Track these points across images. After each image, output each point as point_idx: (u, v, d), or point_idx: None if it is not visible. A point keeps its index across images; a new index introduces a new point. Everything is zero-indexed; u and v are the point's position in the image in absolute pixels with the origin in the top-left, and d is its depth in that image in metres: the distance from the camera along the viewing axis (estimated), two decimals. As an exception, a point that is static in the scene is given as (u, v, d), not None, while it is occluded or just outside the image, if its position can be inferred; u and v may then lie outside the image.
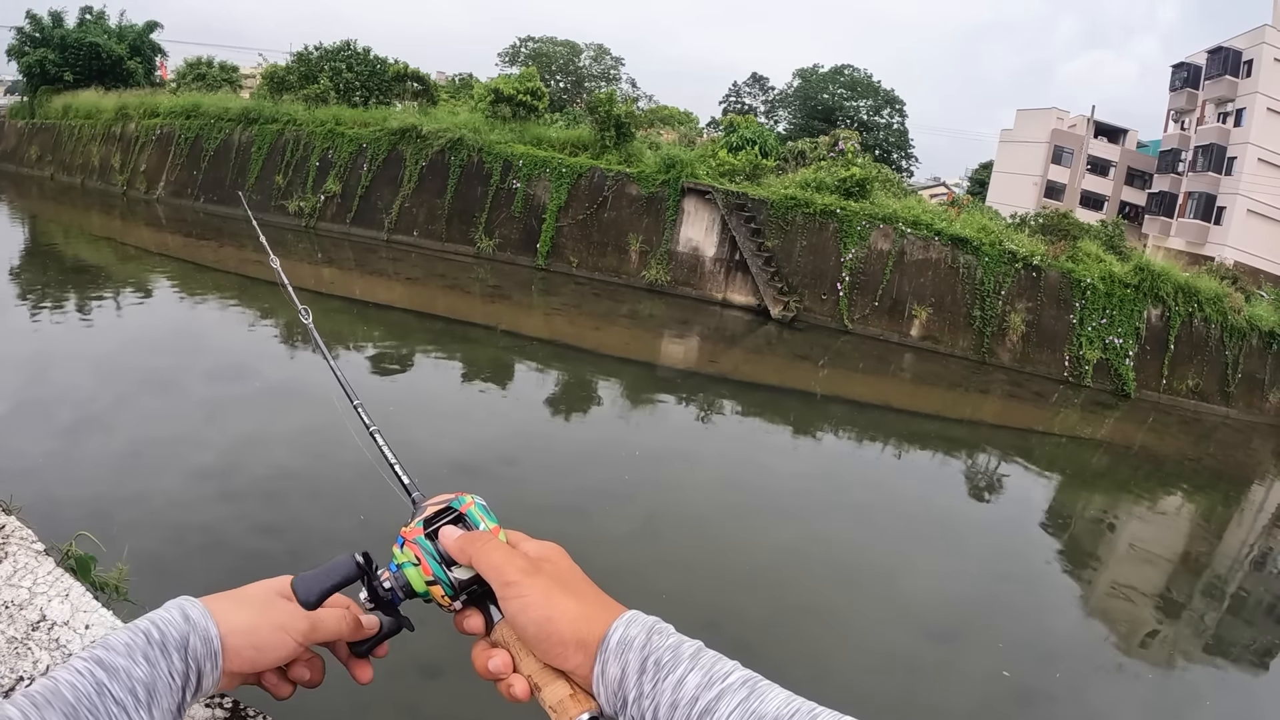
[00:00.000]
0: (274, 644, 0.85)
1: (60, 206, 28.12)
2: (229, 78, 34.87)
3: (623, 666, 0.74)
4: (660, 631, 0.76)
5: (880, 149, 53.87)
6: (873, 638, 7.16)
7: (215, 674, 0.81)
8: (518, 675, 0.81)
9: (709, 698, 0.69)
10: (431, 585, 0.86)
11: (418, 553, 0.87)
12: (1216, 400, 19.96)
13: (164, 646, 0.77)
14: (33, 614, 1.20)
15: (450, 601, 0.87)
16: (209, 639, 0.80)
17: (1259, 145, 38.54)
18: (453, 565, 0.86)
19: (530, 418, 11.54)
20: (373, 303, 17.44)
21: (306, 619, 0.87)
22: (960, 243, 20.01)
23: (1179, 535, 12.29)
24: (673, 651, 0.74)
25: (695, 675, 0.71)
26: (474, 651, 0.85)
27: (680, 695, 0.70)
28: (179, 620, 0.80)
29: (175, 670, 0.77)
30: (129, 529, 6.09)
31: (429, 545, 0.87)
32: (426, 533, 0.88)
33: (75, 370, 10.77)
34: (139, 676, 0.74)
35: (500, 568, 0.82)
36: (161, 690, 0.75)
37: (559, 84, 56.67)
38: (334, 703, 4.87)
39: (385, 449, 1.07)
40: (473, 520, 0.90)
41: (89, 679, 0.71)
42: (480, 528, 0.90)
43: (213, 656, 0.80)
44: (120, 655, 0.75)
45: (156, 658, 0.76)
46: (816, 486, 11.00)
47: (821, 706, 0.67)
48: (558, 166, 21.90)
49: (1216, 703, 7.42)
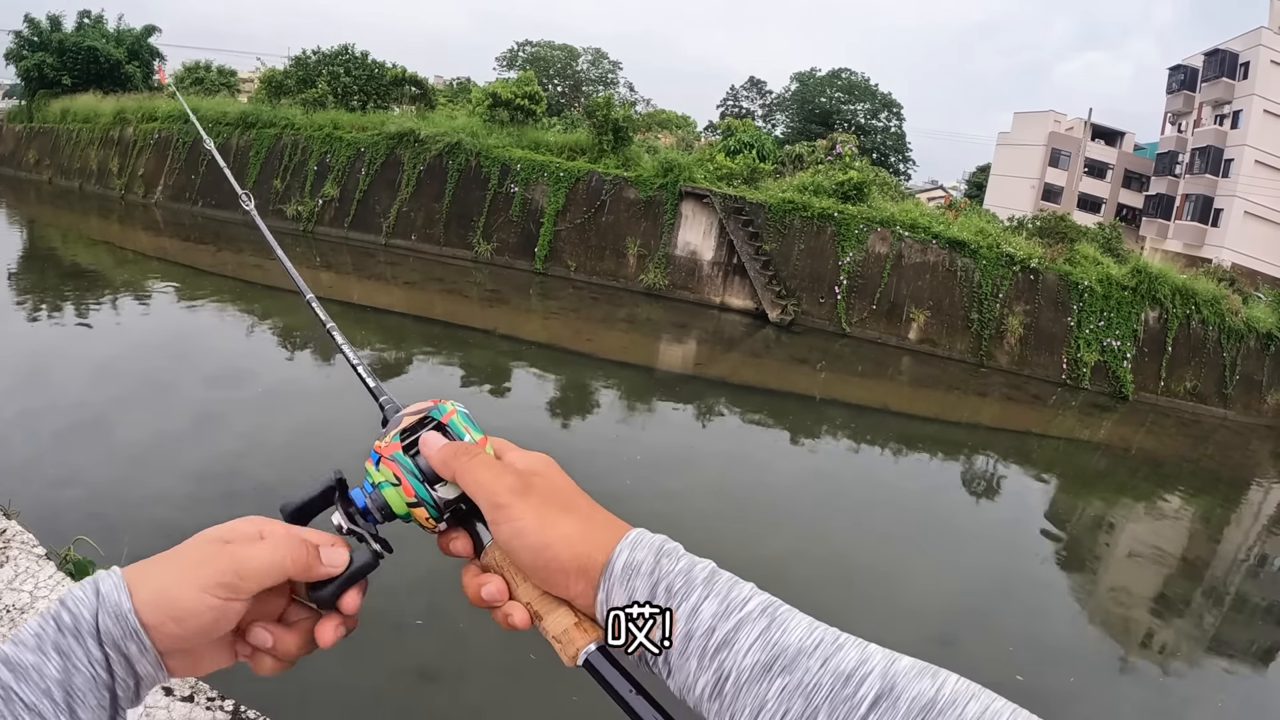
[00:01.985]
0: (192, 610, 0.67)
1: (58, 210, 28.12)
2: (227, 82, 34.92)
3: (629, 594, 0.68)
4: (669, 554, 0.70)
5: (878, 152, 53.94)
6: (873, 639, 7.15)
7: (149, 657, 0.66)
8: (515, 603, 0.73)
9: (726, 628, 0.64)
10: (414, 507, 0.77)
11: (397, 470, 0.77)
12: (1214, 402, 19.99)
13: (77, 632, 0.64)
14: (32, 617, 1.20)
15: (435, 524, 0.78)
16: (121, 615, 0.65)
17: (1256, 147, 38.62)
18: (436, 483, 0.77)
19: (528, 421, 11.53)
20: (371, 307, 17.43)
21: (229, 563, 0.69)
22: (958, 246, 20.04)
23: (1178, 537, 12.29)
24: (684, 576, 0.67)
25: (711, 603, 0.65)
26: (464, 577, 0.76)
27: (695, 625, 0.65)
28: (89, 597, 0.66)
29: (95, 660, 0.63)
30: (127, 532, 6.08)
31: (409, 462, 0.78)
32: (404, 447, 0.79)
33: (73, 374, 10.75)
34: (52, 674, 0.62)
35: (489, 487, 0.73)
36: (82, 687, 0.63)
37: (557, 88, 56.75)
38: (330, 708, 4.88)
39: (345, 348, 1.00)
40: (455, 431, 0.81)
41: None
42: (464, 440, 0.80)
43: (134, 637, 0.65)
44: (29, 649, 0.63)
45: (70, 647, 0.63)
46: (815, 489, 11.00)
47: (845, 633, 0.64)
48: (555, 170, 21.92)
49: (1228, 702, 7.44)
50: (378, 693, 4.95)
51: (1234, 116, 40.44)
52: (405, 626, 5.44)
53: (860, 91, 59.43)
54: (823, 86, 59.66)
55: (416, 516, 0.77)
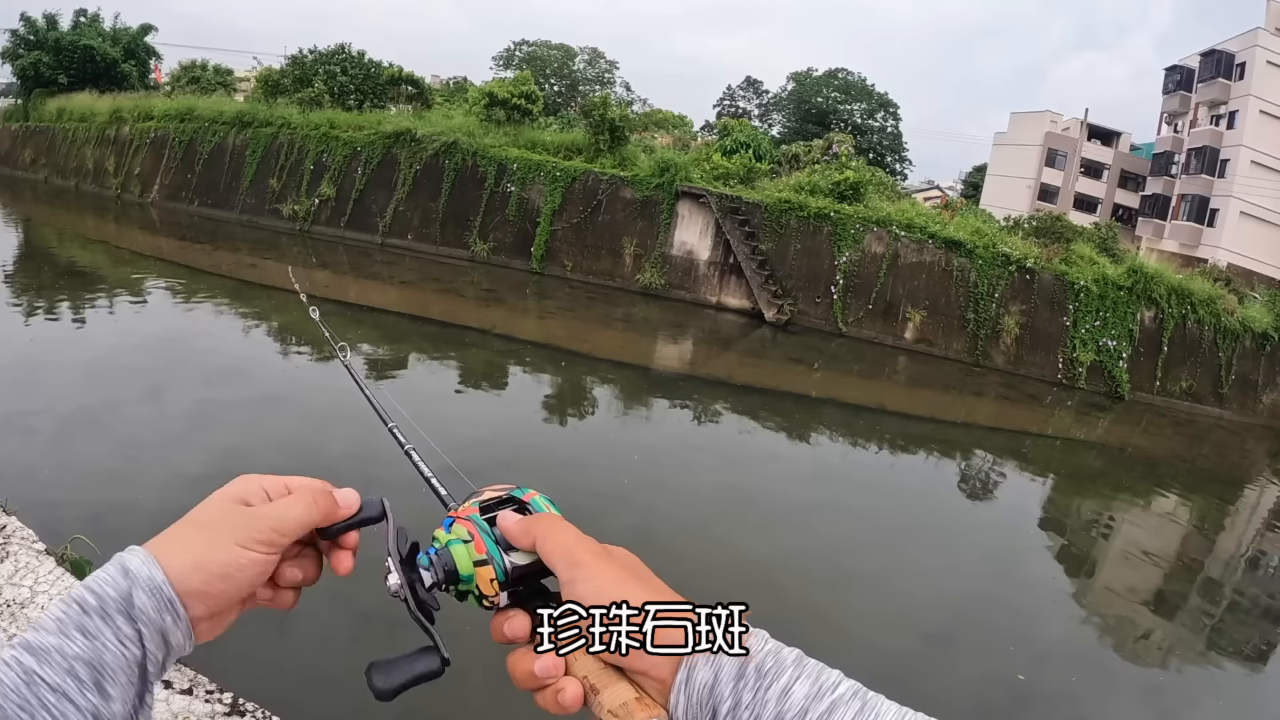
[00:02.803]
0: (239, 566, 0.72)
1: (54, 210, 28.04)
2: (223, 81, 34.87)
3: (715, 671, 0.66)
4: (755, 633, 0.69)
5: (874, 152, 53.96)
6: (871, 639, 7.16)
7: (183, 626, 0.69)
8: (569, 678, 0.70)
9: (819, 710, 0.62)
10: (480, 566, 0.75)
11: (471, 528, 0.77)
12: (1210, 402, 20.04)
13: (104, 612, 0.66)
14: (34, 612, 1.20)
15: (497, 591, 0.76)
16: (157, 589, 0.67)
17: (1252, 148, 38.74)
18: (509, 550, 0.76)
19: (526, 421, 11.53)
20: (367, 306, 17.41)
21: (267, 522, 0.75)
22: (954, 246, 20.07)
23: (1175, 537, 12.31)
24: (774, 657, 0.66)
25: (802, 684, 0.64)
26: (512, 657, 0.74)
27: (786, 706, 0.63)
28: (116, 577, 0.68)
29: (124, 637, 0.65)
30: (124, 532, 6.07)
31: (485, 524, 0.78)
32: (481, 510, 0.80)
33: (68, 374, 10.72)
34: (76, 654, 0.63)
35: (569, 548, 0.74)
36: (111, 664, 0.64)
37: (553, 87, 56.73)
38: (327, 703, 4.89)
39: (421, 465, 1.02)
40: (536, 509, 0.81)
41: (15, 669, 0.62)
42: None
43: (170, 608, 0.68)
44: (51, 633, 0.64)
45: (96, 628, 0.65)
46: (812, 489, 11.01)
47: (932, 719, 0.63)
48: (552, 170, 21.92)
49: (1226, 700, 7.48)
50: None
51: (1230, 117, 40.55)
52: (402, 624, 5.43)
53: (857, 91, 59.48)
54: (819, 86, 59.70)
55: (479, 578, 0.76)
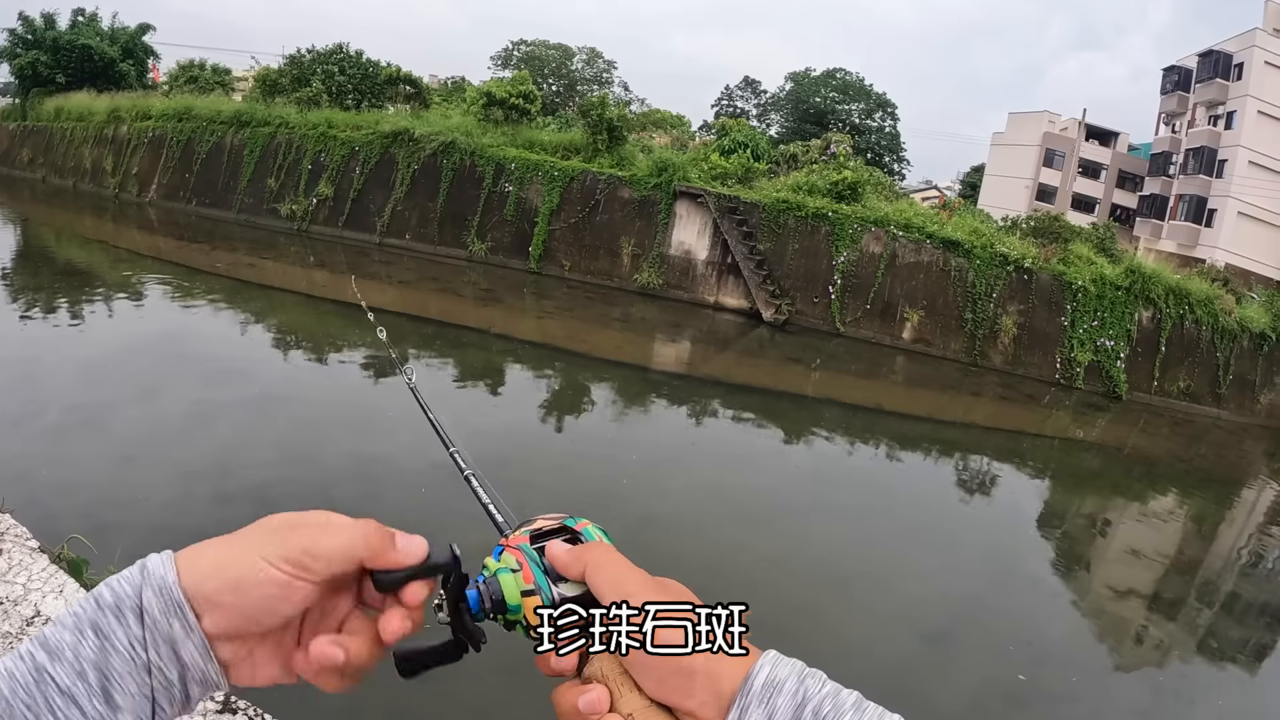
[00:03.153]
0: (254, 580, 0.63)
1: (52, 209, 28.00)
2: (221, 80, 34.83)
3: (770, 713, 0.62)
4: (812, 675, 0.65)
5: (872, 152, 53.91)
6: (871, 639, 7.17)
7: (196, 639, 0.62)
8: (614, 714, 0.67)
9: None
10: (527, 596, 0.73)
11: (520, 557, 0.75)
12: (1208, 402, 20.06)
13: (118, 610, 0.60)
14: (27, 609, 1.20)
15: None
16: (166, 589, 0.61)
17: (1250, 148, 38.77)
18: (559, 581, 0.74)
19: (523, 420, 11.53)
20: (365, 306, 17.36)
21: (299, 541, 0.65)
22: (952, 246, 20.08)
23: (1174, 537, 12.32)
24: (833, 700, 0.62)
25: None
26: (559, 691, 0.70)
27: None
28: (134, 574, 0.62)
29: (135, 639, 0.60)
30: (121, 532, 6.08)
31: (534, 553, 0.75)
32: (532, 539, 0.77)
33: (66, 373, 10.71)
34: (88, 655, 0.58)
35: (621, 579, 0.70)
36: (120, 669, 0.59)
37: (551, 87, 56.65)
38: (324, 703, 4.87)
39: (480, 490, 1.01)
40: (588, 540, 0.79)
41: (28, 663, 0.58)
42: None
43: (178, 613, 0.61)
44: (68, 629, 0.59)
45: (110, 626, 0.59)
46: (810, 489, 11.01)
47: None
48: (550, 170, 21.91)
49: (1226, 700, 7.49)
50: (374, 689, 4.94)
51: (1228, 117, 40.57)
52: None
53: (855, 91, 59.43)
54: (817, 86, 59.64)
55: (526, 608, 0.72)
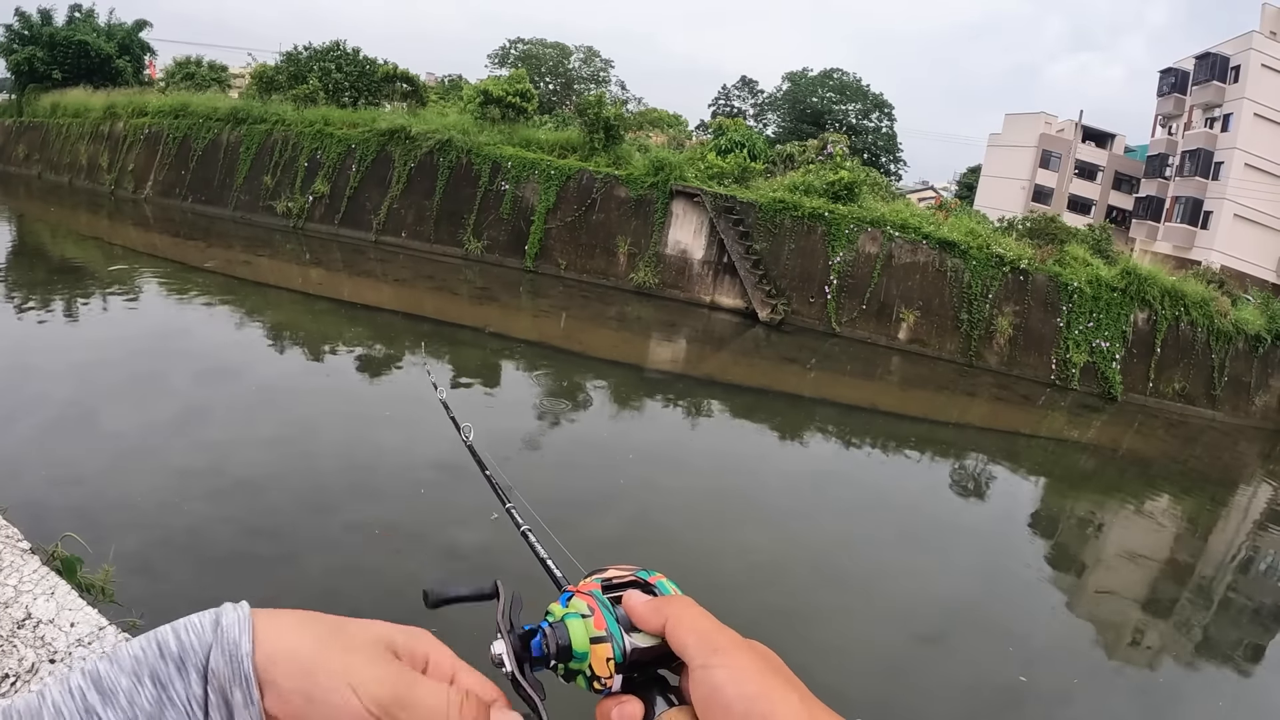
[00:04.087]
0: (331, 699, 0.57)
1: (48, 205, 27.91)
2: (218, 77, 34.75)
3: None
4: None
5: (869, 152, 53.95)
6: (870, 639, 7.17)
7: (253, 712, 0.56)
8: None
9: None
10: (596, 644, 0.69)
11: (592, 603, 0.71)
12: (1203, 403, 20.12)
13: (181, 663, 0.56)
14: (18, 612, 1.19)
15: (611, 672, 0.69)
16: (237, 657, 0.56)
17: (1246, 150, 38.85)
18: (630, 631, 0.70)
19: (519, 420, 11.52)
20: (361, 304, 17.38)
21: (394, 690, 0.59)
22: (948, 246, 20.11)
23: (1170, 537, 12.34)
24: None
25: None
26: None
27: None
28: (205, 628, 0.58)
29: (194, 697, 0.55)
30: (115, 531, 6.06)
31: (606, 600, 0.72)
32: (604, 588, 0.74)
33: (59, 370, 10.68)
34: (142, 705, 0.54)
35: (707, 632, 0.66)
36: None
37: (548, 86, 56.59)
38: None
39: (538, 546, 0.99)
40: (663, 591, 0.75)
41: (78, 701, 0.54)
42: None
43: (242, 683, 0.56)
44: (125, 672, 0.55)
45: (170, 677, 0.55)
46: (804, 488, 11.02)
47: None
48: (546, 168, 21.89)
49: (1226, 700, 7.51)
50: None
51: (1224, 120, 40.63)
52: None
53: (852, 92, 59.47)
54: (814, 86, 59.67)
55: (593, 657, 0.69)
